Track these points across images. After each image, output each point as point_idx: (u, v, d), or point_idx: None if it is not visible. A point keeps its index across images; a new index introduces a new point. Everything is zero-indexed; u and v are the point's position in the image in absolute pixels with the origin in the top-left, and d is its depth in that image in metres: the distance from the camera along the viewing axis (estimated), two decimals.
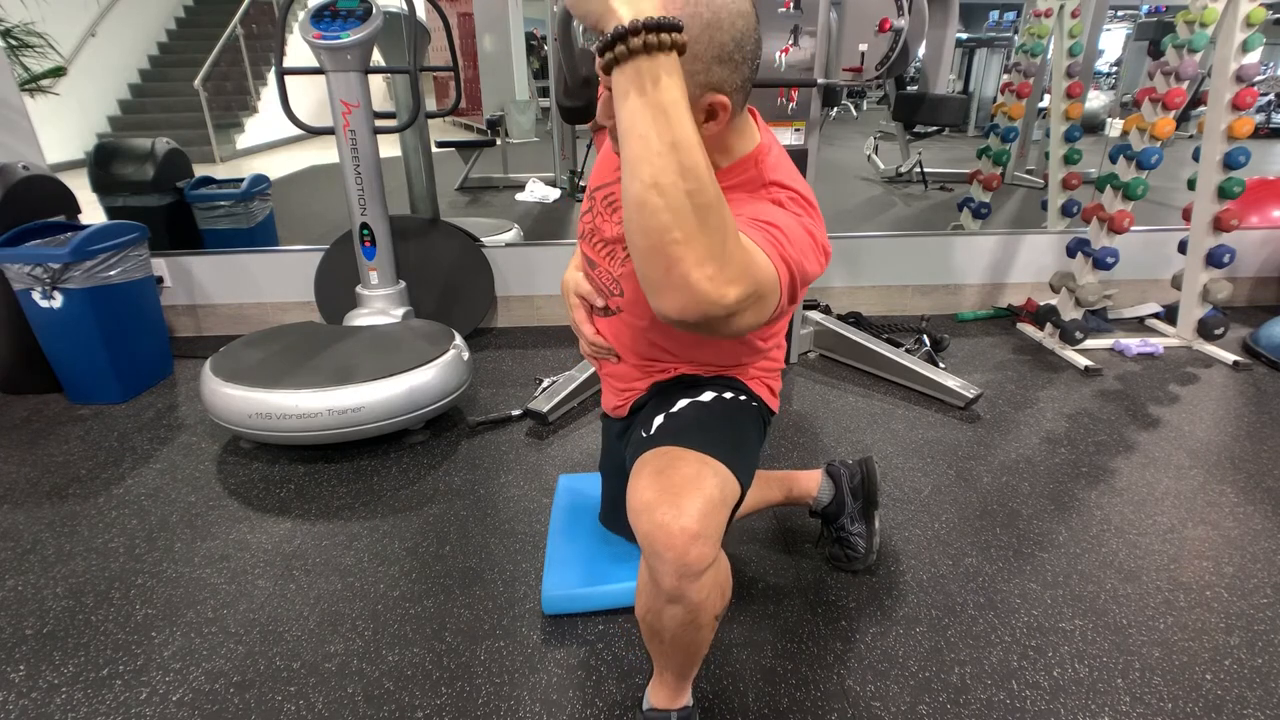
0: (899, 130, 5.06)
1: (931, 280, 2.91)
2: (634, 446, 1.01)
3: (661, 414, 1.02)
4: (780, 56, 1.95)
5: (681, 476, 0.88)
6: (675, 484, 0.87)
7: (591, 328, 1.11)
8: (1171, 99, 2.24)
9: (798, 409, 2.14)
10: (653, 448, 0.95)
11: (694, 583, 0.86)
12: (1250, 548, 1.52)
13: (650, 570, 0.88)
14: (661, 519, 0.84)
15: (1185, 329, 2.59)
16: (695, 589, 0.87)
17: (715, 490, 0.88)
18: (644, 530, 0.85)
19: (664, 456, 0.92)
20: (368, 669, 1.23)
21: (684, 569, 0.84)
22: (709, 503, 0.86)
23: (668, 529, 0.83)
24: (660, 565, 0.85)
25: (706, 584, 0.88)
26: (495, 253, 2.74)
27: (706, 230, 0.66)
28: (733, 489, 0.92)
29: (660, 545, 0.84)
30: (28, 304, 2.06)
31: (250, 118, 5.77)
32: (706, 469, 0.90)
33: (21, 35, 3.11)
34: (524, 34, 5.62)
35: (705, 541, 0.84)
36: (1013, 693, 1.17)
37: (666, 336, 1.04)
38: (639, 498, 0.87)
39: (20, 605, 1.38)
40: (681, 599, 0.88)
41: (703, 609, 0.90)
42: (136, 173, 2.72)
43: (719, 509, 0.87)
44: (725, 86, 0.81)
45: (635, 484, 0.90)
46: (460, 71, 2.27)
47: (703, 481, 0.88)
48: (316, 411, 1.77)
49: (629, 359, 1.10)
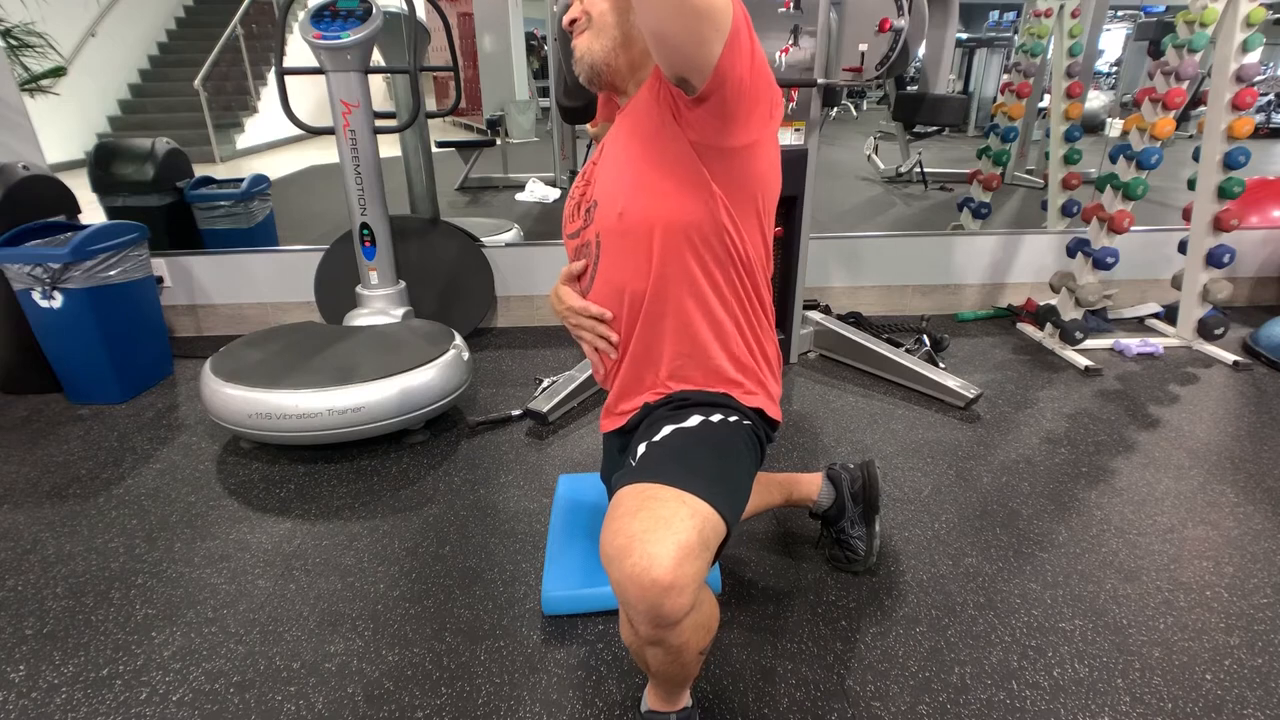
0: (899, 130, 5.06)
1: (931, 280, 2.91)
2: (619, 475, 0.96)
3: (644, 443, 0.97)
4: (780, 56, 1.95)
5: (656, 519, 0.82)
6: (648, 529, 0.81)
7: (583, 301, 1.07)
8: (1171, 99, 2.24)
9: (798, 409, 2.14)
10: (632, 483, 0.89)
11: (671, 630, 0.82)
12: (1250, 548, 1.52)
13: (627, 617, 0.85)
14: (633, 570, 0.79)
15: (1185, 329, 2.59)
16: (674, 635, 0.84)
17: (693, 534, 0.81)
18: (615, 579, 0.81)
19: (640, 495, 0.86)
20: (368, 669, 1.23)
21: (658, 620, 0.80)
22: (684, 550, 0.79)
23: (639, 581, 0.78)
24: (634, 615, 0.82)
25: (686, 629, 0.84)
26: (495, 253, 2.74)
27: None
28: (715, 528, 0.85)
29: (632, 597, 0.80)
30: (28, 304, 2.06)
31: (250, 118, 5.76)
32: (684, 509, 0.83)
33: (21, 35, 3.11)
34: (524, 34, 5.62)
35: (680, 592, 0.79)
36: (1013, 693, 1.17)
37: (642, 257, 0.97)
38: (611, 543, 0.82)
39: (20, 605, 1.38)
40: (661, 643, 0.85)
41: (685, 649, 0.88)
42: (136, 173, 2.72)
43: (698, 554, 0.81)
44: None
45: (608, 525, 0.85)
46: (460, 71, 2.27)
47: (678, 525, 0.81)
48: (316, 411, 1.77)
49: (617, 327, 1.05)
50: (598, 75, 1.00)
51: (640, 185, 0.95)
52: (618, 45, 0.97)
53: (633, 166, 0.96)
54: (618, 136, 1.01)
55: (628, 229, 0.97)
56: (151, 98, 5.63)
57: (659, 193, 0.94)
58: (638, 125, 0.97)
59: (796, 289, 2.30)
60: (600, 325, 1.06)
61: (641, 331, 1.03)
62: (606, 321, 1.05)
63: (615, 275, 1.01)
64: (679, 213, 0.94)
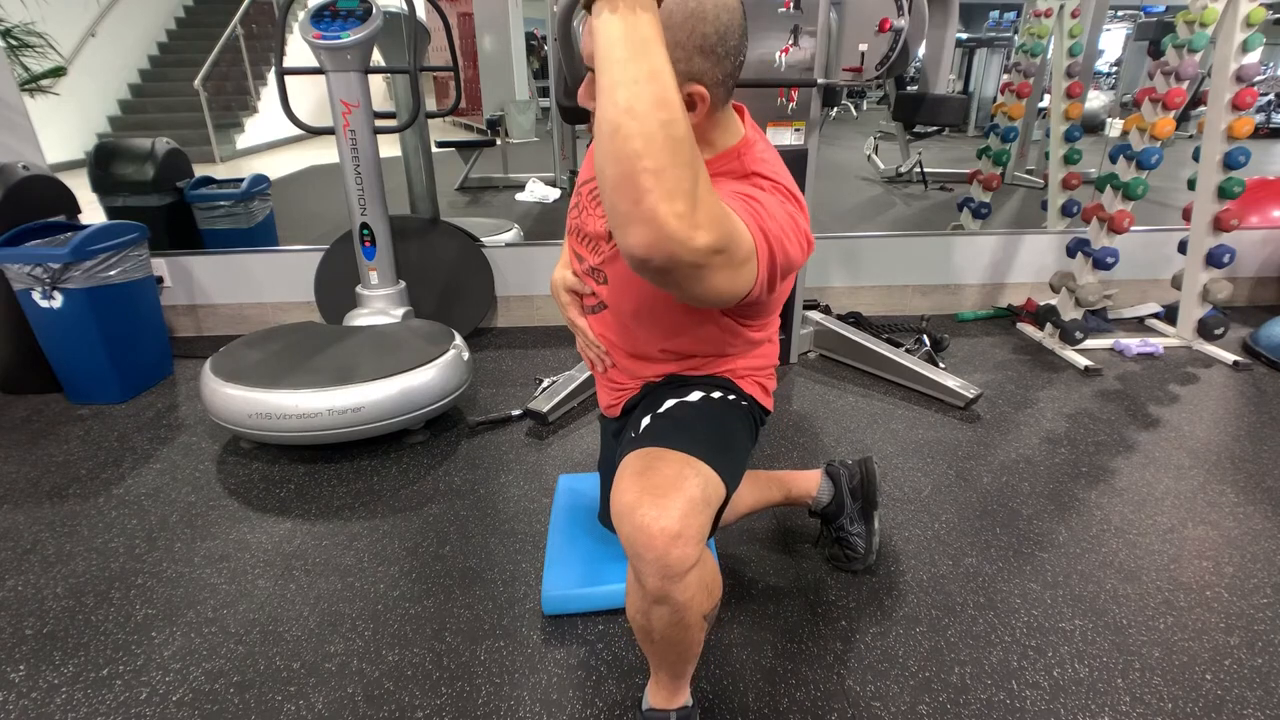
0: (899, 130, 5.06)
1: (931, 280, 2.91)
2: (622, 447, 1.01)
3: (649, 415, 1.02)
4: (780, 56, 1.95)
5: (663, 477, 0.87)
6: (656, 484, 0.86)
7: (586, 322, 1.12)
8: (1171, 99, 2.24)
9: (798, 409, 2.14)
10: (637, 449, 0.95)
11: (677, 583, 0.86)
12: (1250, 548, 1.52)
13: (634, 572, 0.88)
14: (642, 520, 0.83)
15: (1185, 329, 2.59)
16: (679, 589, 0.86)
17: (697, 490, 0.87)
18: (625, 532, 0.85)
19: (647, 457, 0.92)
20: (368, 669, 1.23)
21: (666, 570, 0.84)
22: (690, 503, 0.85)
23: (648, 530, 0.83)
24: (642, 566, 0.85)
25: (691, 584, 0.87)
26: (495, 253, 2.74)
27: (678, 163, 0.65)
28: (716, 489, 0.91)
29: (641, 546, 0.84)
30: (28, 304, 2.06)
31: (250, 118, 5.76)
32: (689, 469, 0.89)
33: (21, 35, 3.11)
34: (524, 34, 5.62)
35: (686, 542, 0.83)
36: (1013, 693, 1.17)
37: (650, 325, 1.03)
38: (621, 500, 0.87)
39: (20, 605, 1.38)
40: (667, 599, 0.87)
41: (689, 608, 0.90)
42: (136, 173, 2.72)
43: (701, 509, 0.87)
44: (705, 78, 0.81)
45: (618, 485, 0.89)
46: (460, 71, 2.27)
47: (684, 481, 0.87)
48: (316, 411, 1.77)
49: (618, 357, 1.10)
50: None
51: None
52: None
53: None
54: None
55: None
56: (151, 98, 5.64)
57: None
58: None
59: (796, 289, 2.31)
60: (592, 348, 1.11)
61: (641, 343, 1.06)
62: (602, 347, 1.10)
63: (622, 293, 1.02)
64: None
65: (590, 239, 1.04)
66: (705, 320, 0.99)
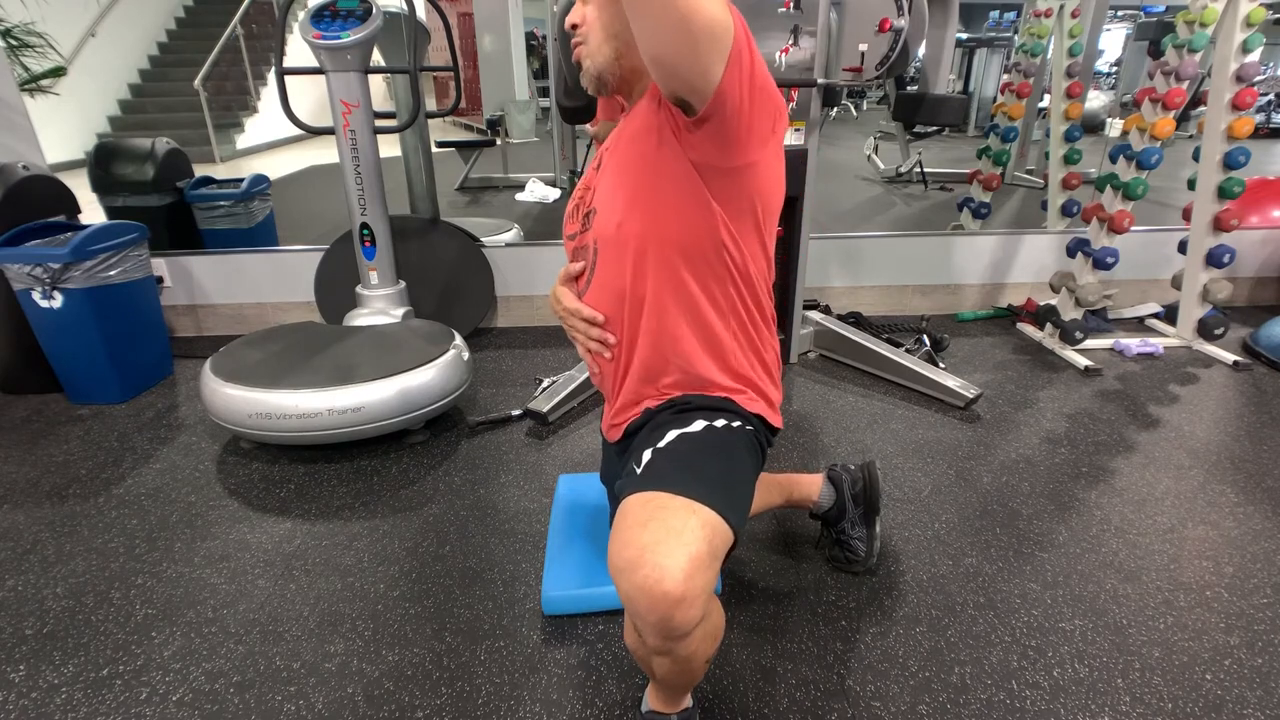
0: (899, 130, 5.06)
1: (931, 280, 2.91)
2: (624, 481, 0.96)
3: (649, 449, 0.96)
4: (780, 56, 1.95)
5: (666, 530, 0.82)
6: (659, 539, 0.81)
7: (576, 303, 1.07)
8: (1171, 99, 2.24)
9: (798, 409, 2.14)
10: (640, 491, 0.89)
11: (680, 642, 0.83)
12: (1250, 548, 1.52)
13: (634, 626, 0.85)
14: (644, 582, 0.78)
15: (1185, 329, 2.59)
16: (682, 646, 0.84)
17: (703, 545, 0.82)
18: (625, 590, 0.81)
19: (649, 505, 0.86)
20: (368, 669, 1.23)
21: (668, 633, 0.80)
22: (695, 561, 0.80)
23: (650, 594, 0.78)
24: (644, 627, 0.82)
25: (695, 639, 0.84)
26: (495, 253, 2.74)
27: None
28: (723, 537, 0.86)
29: (643, 608, 0.79)
30: (28, 304, 2.06)
31: (250, 118, 5.76)
32: (694, 519, 0.84)
33: (21, 35, 3.11)
34: (524, 34, 5.63)
35: (690, 605, 0.79)
36: (1013, 693, 1.17)
37: (638, 271, 0.97)
38: (621, 555, 0.82)
39: (20, 605, 1.38)
40: (670, 654, 0.85)
41: (693, 658, 0.88)
42: (136, 173, 2.72)
43: (708, 565, 0.82)
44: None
45: (618, 536, 0.85)
46: (460, 71, 2.27)
47: (688, 536, 0.82)
48: (316, 411, 1.77)
49: (613, 327, 1.04)
50: (604, 85, 0.99)
51: (638, 199, 0.94)
52: (619, 54, 0.96)
53: (632, 179, 0.96)
54: (619, 142, 1.00)
55: (624, 241, 0.96)
56: (151, 98, 5.63)
57: (656, 208, 0.93)
58: (638, 135, 0.96)
59: (796, 289, 2.30)
60: (593, 329, 1.05)
61: (642, 350, 1.02)
62: (599, 324, 1.05)
63: (612, 282, 1.01)
64: (676, 231, 0.93)
65: (578, 207, 1.06)
66: (696, 221, 0.93)
